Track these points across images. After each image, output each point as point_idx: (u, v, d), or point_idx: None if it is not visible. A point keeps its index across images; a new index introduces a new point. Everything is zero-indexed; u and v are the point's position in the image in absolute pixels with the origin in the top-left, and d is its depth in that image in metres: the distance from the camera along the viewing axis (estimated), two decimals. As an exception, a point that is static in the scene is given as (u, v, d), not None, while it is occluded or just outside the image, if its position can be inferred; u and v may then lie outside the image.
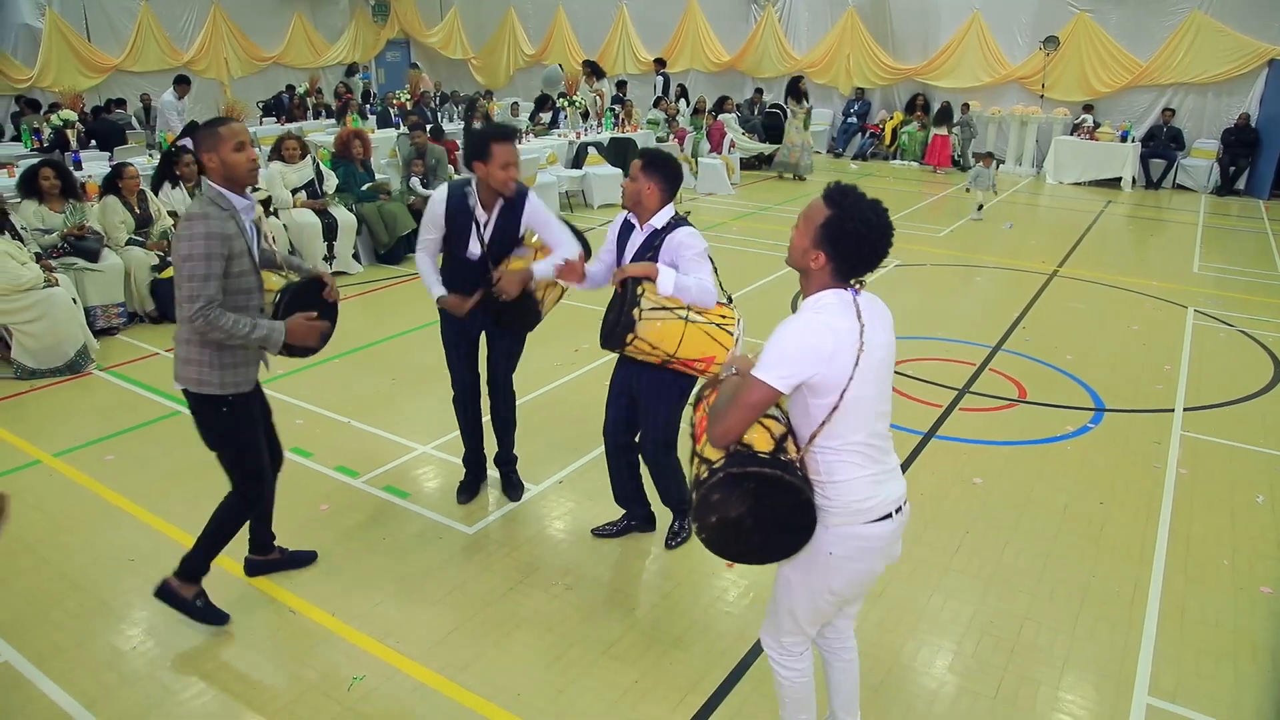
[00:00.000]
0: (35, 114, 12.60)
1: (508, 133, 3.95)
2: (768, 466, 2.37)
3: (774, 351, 2.37)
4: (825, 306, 2.43)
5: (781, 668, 2.73)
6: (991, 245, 10.42)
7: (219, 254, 3.15)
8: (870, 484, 2.46)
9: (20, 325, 6.17)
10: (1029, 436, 5.37)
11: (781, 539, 2.46)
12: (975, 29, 15.84)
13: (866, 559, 2.52)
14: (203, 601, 3.61)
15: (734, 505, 2.40)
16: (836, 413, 2.38)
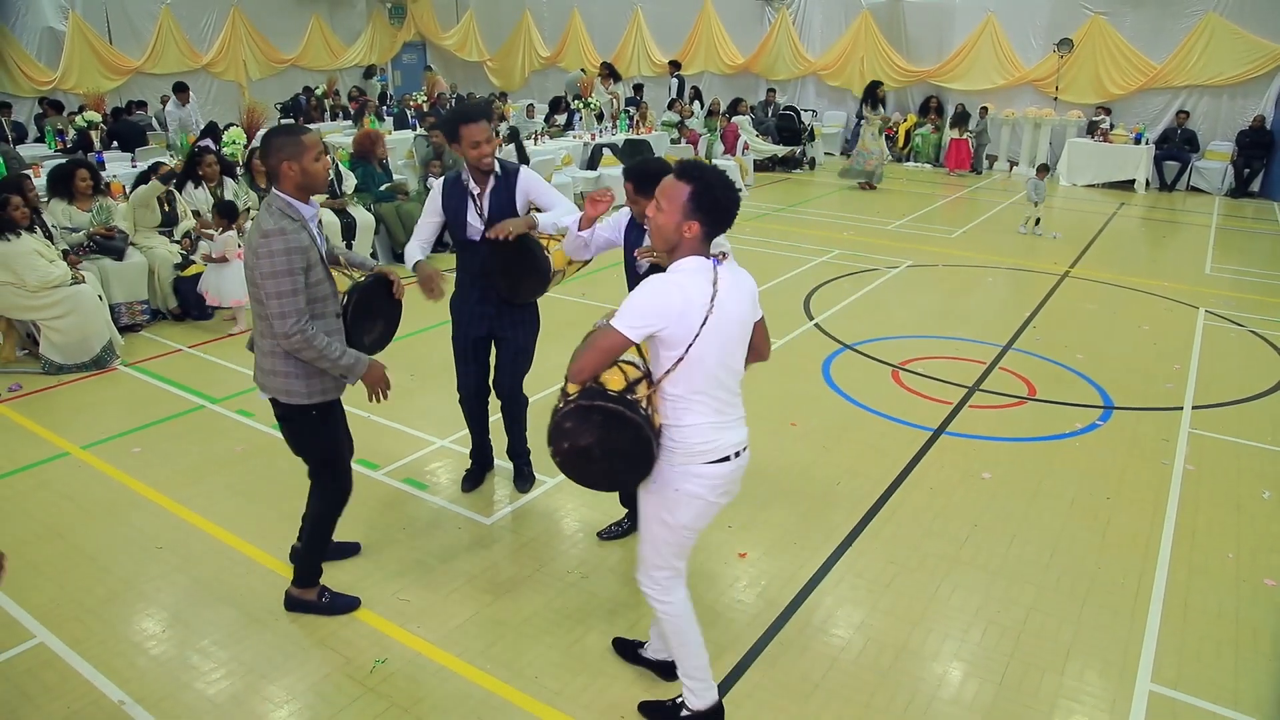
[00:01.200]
0: (58, 115, 12.80)
1: (473, 113, 4.00)
2: (613, 402, 2.67)
3: (628, 305, 2.67)
4: (684, 270, 2.70)
5: (657, 602, 2.99)
6: (1003, 246, 10.46)
7: (300, 268, 3.14)
8: (711, 429, 2.75)
9: (48, 321, 6.31)
10: (1038, 433, 5.43)
11: (624, 469, 2.76)
12: (989, 31, 15.86)
13: (708, 494, 2.81)
14: (328, 597, 3.72)
15: (584, 434, 2.70)
16: (681, 365, 2.66)
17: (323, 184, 3.28)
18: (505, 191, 4.11)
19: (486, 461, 4.77)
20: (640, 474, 2.76)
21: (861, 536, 4.30)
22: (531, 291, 4.18)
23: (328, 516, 3.67)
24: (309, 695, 3.25)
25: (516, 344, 4.36)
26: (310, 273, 3.22)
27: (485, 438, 4.69)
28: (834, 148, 17.81)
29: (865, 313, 7.77)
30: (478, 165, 4.03)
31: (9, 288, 6.18)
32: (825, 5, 17.46)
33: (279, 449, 5.15)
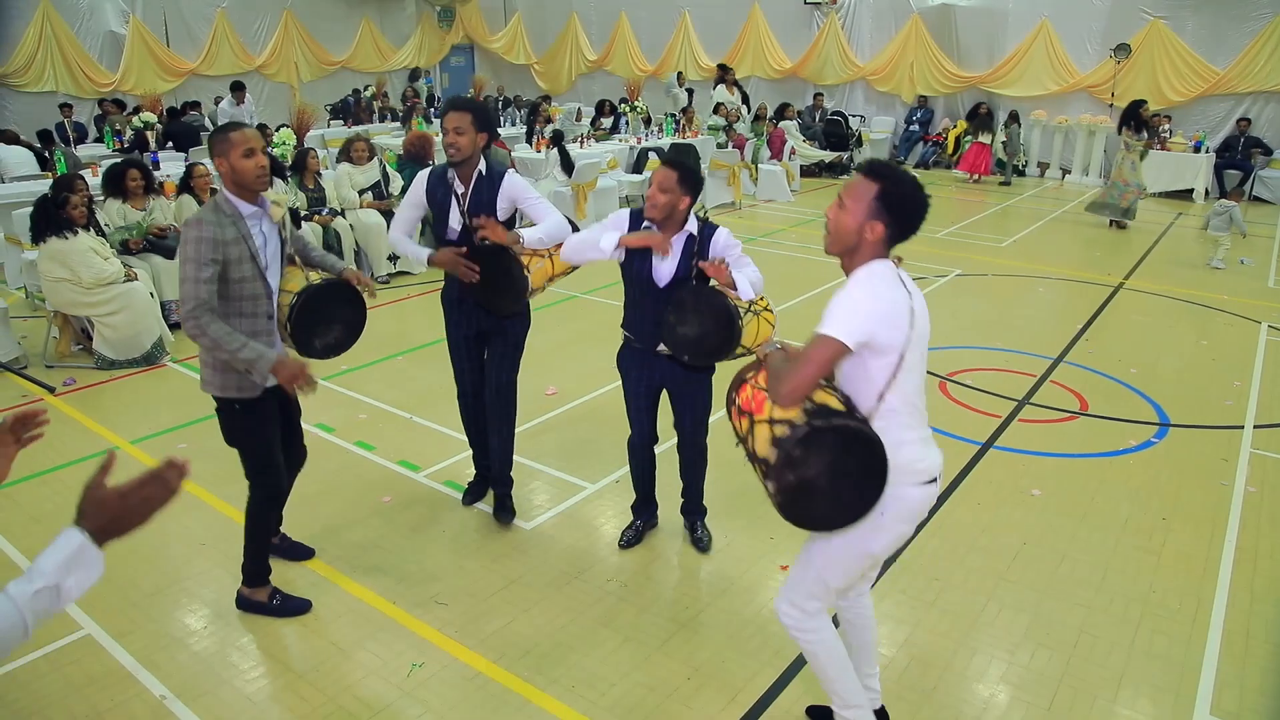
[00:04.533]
0: (119, 114, 13.11)
1: (458, 102, 3.98)
2: (851, 420, 2.43)
3: (841, 309, 2.43)
4: (879, 273, 2.53)
5: (805, 633, 2.76)
6: (1055, 256, 10.24)
7: (209, 259, 3.18)
8: (922, 446, 2.57)
9: (102, 318, 6.45)
10: (1090, 449, 5.29)
11: (850, 500, 2.47)
12: (1043, 36, 15.57)
13: (909, 521, 2.62)
14: (279, 599, 3.74)
15: (814, 463, 2.41)
16: (899, 373, 2.47)
17: (251, 180, 3.27)
18: (487, 191, 4.01)
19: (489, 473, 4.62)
20: (870, 500, 2.48)
21: (906, 551, 4.20)
22: (504, 306, 4.07)
23: (256, 516, 3.62)
24: (345, 697, 3.25)
25: (506, 340, 4.26)
26: (231, 268, 3.25)
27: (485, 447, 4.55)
28: (882, 153, 17.59)
29: (912, 322, 7.62)
30: (448, 156, 3.95)
31: (65, 284, 6.32)
32: (875, 9, 17.28)
33: (323, 447, 5.21)
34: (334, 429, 5.47)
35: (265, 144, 3.40)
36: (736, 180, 13.01)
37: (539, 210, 4.07)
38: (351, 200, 8.70)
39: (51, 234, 6.28)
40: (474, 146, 3.93)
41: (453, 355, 4.38)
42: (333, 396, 6.01)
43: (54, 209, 6.34)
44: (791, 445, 2.39)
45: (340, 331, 3.71)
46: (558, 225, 4.01)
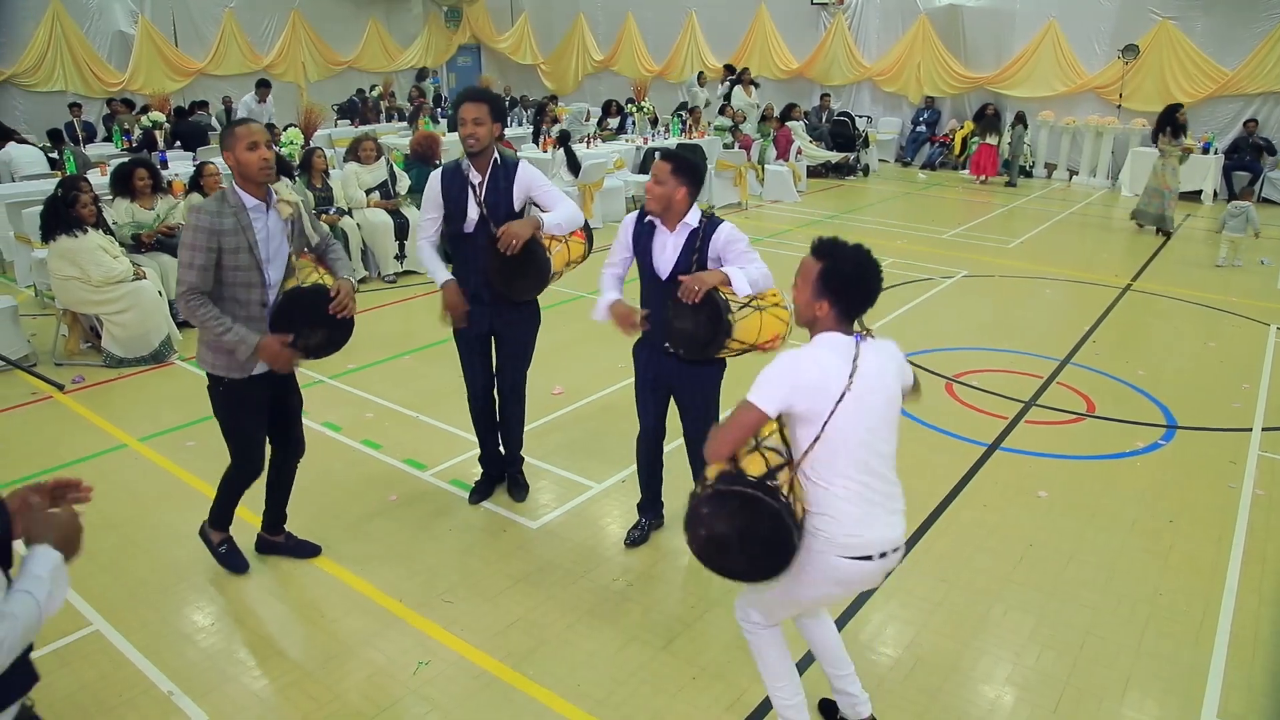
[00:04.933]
0: (128, 113, 13.16)
1: (473, 93, 3.99)
2: (750, 487, 2.53)
3: (762, 378, 2.56)
4: (821, 344, 2.61)
5: (750, 635, 2.93)
6: (1062, 258, 10.22)
7: (205, 246, 3.34)
8: (855, 523, 2.59)
9: (110, 316, 6.47)
10: (1097, 451, 5.28)
11: (763, 556, 2.59)
12: (1051, 37, 15.53)
13: (833, 587, 2.71)
14: (226, 548, 3.99)
15: (720, 521, 2.57)
16: (820, 444, 2.55)
17: (255, 173, 3.39)
18: (504, 181, 4.03)
19: (498, 473, 4.68)
20: (781, 562, 2.59)
21: (912, 552, 4.20)
22: (527, 290, 4.11)
23: (232, 481, 3.85)
24: (352, 695, 3.26)
25: (517, 340, 4.31)
26: (226, 256, 3.39)
27: (496, 445, 4.62)
28: (888, 154, 17.59)
29: (919, 323, 7.63)
30: (466, 147, 3.97)
31: (74, 282, 6.35)
32: (882, 10, 17.26)
33: (330, 445, 5.23)
34: (341, 427, 5.49)
35: (269, 137, 3.47)
36: (743, 181, 13.00)
37: (553, 198, 4.09)
38: (359, 200, 8.72)
39: (61, 232, 6.31)
40: (491, 136, 3.96)
41: (463, 354, 4.39)
42: (339, 395, 6.03)
43: (64, 208, 6.37)
44: (699, 503, 2.59)
45: (325, 334, 3.72)
46: (573, 212, 4.06)
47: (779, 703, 2.96)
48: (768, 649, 2.92)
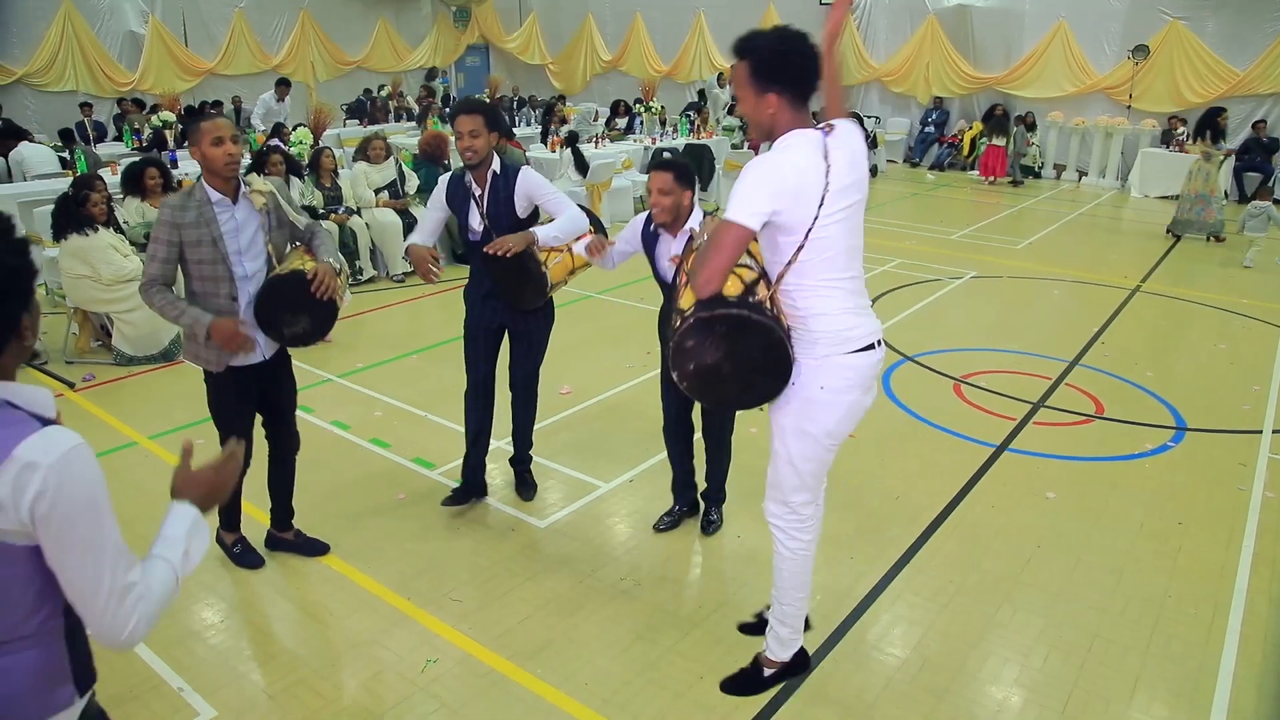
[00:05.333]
0: (138, 113, 13.21)
1: (468, 105, 4.00)
2: (735, 308, 2.44)
3: (740, 191, 2.43)
4: (790, 145, 2.48)
5: (788, 538, 2.79)
6: (1071, 259, 10.19)
7: (163, 239, 3.44)
8: (852, 315, 2.54)
9: (121, 314, 6.51)
10: (1105, 453, 5.26)
11: (760, 382, 2.52)
12: (1060, 37, 15.50)
13: (855, 391, 2.59)
14: (240, 548, 4.04)
15: (709, 351, 2.47)
16: (805, 249, 2.45)
17: (220, 167, 3.41)
18: (504, 190, 4.05)
19: (478, 486, 4.56)
20: (779, 381, 2.50)
21: (920, 553, 4.20)
22: (530, 300, 4.14)
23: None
24: (360, 692, 3.27)
25: (530, 336, 4.34)
26: (189, 250, 3.47)
27: (484, 450, 4.51)
28: (897, 155, 17.57)
29: (927, 324, 7.62)
30: (464, 160, 3.99)
31: (85, 281, 6.38)
32: (890, 10, 17.24)
33: (338, 444, 5.25)
34: (349, 426, 5.51)
35: (236, 132, 3.50)
36: (751, 181, 12.97)
37: (556, 204, 4.08)
38: (368, 199, 8.75)
39: (72, 231, 6.35)
40: (489, 147, 3.98)
41: (468, 344, 4.36)
42: (348, 394, 6.05)
43: (75, 207, 6.41)
44: (681, 336, 2.46)
45: (308, 322, 3.69)
46: (574, 219, 4.04)
47: (790, 613, 2.91)
48: (805, 555, 2.82)
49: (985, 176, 15.45)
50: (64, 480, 1.48)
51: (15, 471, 1.45)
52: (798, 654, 3.01)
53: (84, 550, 1.52)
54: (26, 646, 1.57)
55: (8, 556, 1.50)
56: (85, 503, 1.52)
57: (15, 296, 1.52)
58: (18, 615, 1.55)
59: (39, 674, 1.59)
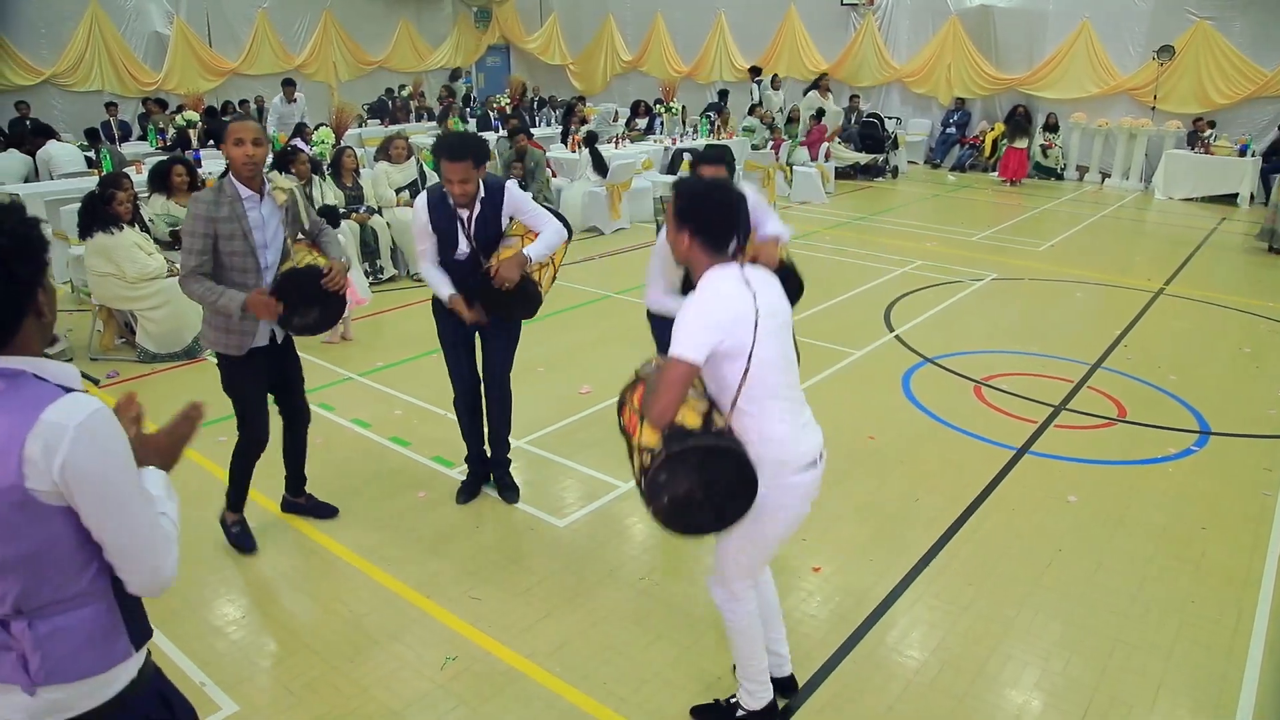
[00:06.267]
0: (162, 113, 13.35)
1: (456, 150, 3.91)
2: (705, 439, 2.57)
3: (682, 329, 2.58)
4: (714, 280, 2.66)
5: (731, 614, 2.97)
6: (1093, 261, 10.11)
7: (200, 232, 3.62)
8: (793, 436, 2.72)
9: (145, 312, 6.58)
10: (1127, 457, 5.22)
11: (730, 504, 2.65)
12: (1084, 38, 15.36)
13: (800, 505, 2.79)
14: (239, 529, 4.22)
15: (681, 482, 2.59)
16: (750, 374, 2.60)
17: (239, 167, 3.62)
18: (490, 210, 4.11)
19: (484, 471, 4.70)
20: (747, 502, 2.64)
21: (939, 555, 4.18)
22: (520, 316, 4.26)
23: (241, 455, 4.08)
24: (378, 689, 3.29)
25: (501, 339, 4.40)
26: (221, 243, 3.66)
27: (481, 442, 4.64)
28: (918, 156, 17.47)
29: (947, 326, 7.58)
30: (455, 201, 4.02)
31: (110, 279, 6.46)
32: (912, 11, 17.16)
33: (359, 442, 5.28)
34: (370, 424, 5.54)
35: (259, 136, 3.66)
36: (771, 182, 12.97)
37: (537, 220, 4.16)
38: (389, 199, 8.80)
39: (98, 229, 6.42)
40: (479, 184, 4.02)
41: (450, 355, 4.44)
42: (368, 392, 6.09)
43: (100, 205, 6.48)
44: (655, 473, 2.58)
45: (318, 314, 3.92)
46: (557, 234, 4.16)
47: (753, 671, 3.03)
48: (750, 623, 2.97)
49: (1004, 178, 15.34)
50: (90, 440, 1.57)
51: (45, 433, 1.54)
52: (769, 705, 3.08)
53: (122, 506, 1.63)
54: (80, 604, 1.67)
55: (43, 515, 1.59)
56: (115, 461, 1.62)
57: (29, 262, 1.59)
58: (67, 574, 1.65)
59: (95, 629, 1.69)
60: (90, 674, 1.69)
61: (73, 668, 1.67)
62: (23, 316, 1.60)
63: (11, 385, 1.58)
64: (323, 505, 4.48)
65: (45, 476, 1.55)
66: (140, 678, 1.80)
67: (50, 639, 1.64)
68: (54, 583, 1.63)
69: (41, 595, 1.63)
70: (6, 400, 1.56)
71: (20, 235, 1.57)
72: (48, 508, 1.58)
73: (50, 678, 1.65)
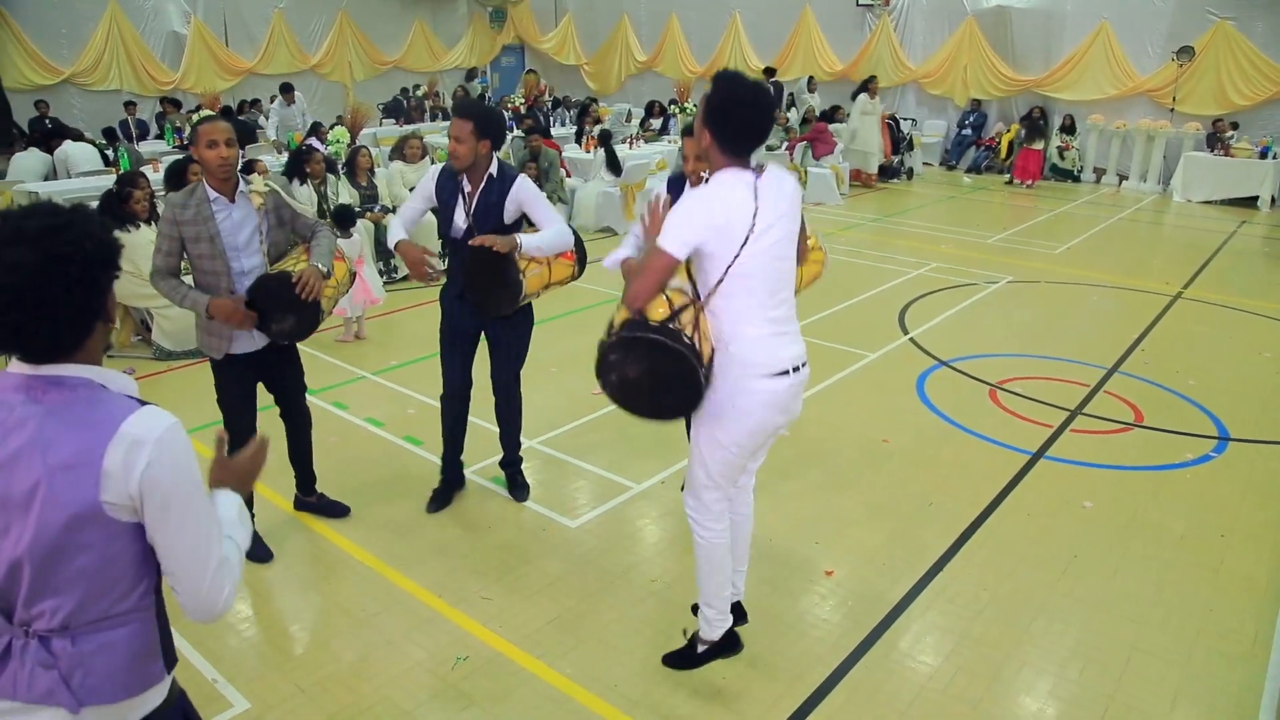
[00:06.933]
0: (177, 112, 13.43)
1: (461, 109, 4.03)
2: (654, 332, 2.67)
3: (670, 222, 2.66)
4: (722, 182, 2.70)
5: (701, 528, 3.02)
6: (1110, 264, 10.02)
7: (166, 233, 3.65)
8: (768, 342, 2.77)
9: (160, 310, 6.62)
10: (1145, 462, 5.17)
11: (669, 399, 2.76)
12: (1103, 39, 15.25)
13: (765, 410, 2.81)
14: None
15: (630, 366, 2.72)
16: (729, 278, 2.67)
17: (213, 169, 3.58)
18: (496, 194, 4.02)
19: (457, 479, 4.65)
20: (687, 403, 2.76)
21: (954, 560, 4.15)
22: (499, 307, 4.08)
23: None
24: (390, 688, 3.29)
25: (509, 337, 4.31)
26: (189, 245, 3.66)
27: (459, 449, 4.57)
28: (933, 158, 17.38)
29: (963, 328, 7.54)
30: (451, 163, 3.98)
31: (127, 276, 6.48)
32: (928, 12, 17.07)
33: (371, 441, 5.29)
34: (383, 423, 5.55)
35: (231, 137, 3.63)
36: (785, 183, 12.91)
37: (544, 218, 4.09)
38: (404, 198, 8.78)
39: (115, 228, 6.44)
40: (474, 154, 3.93)
41: (445, 352, 4.38)
42: (381, 391, 6.10)
43: (118, 203, 6.52)
44: (607, 349, 2.74)
45: (294, 321, 3.80)
46: (560, 235, 4.05)
47: (712, 596, 3.10)
48: (717, 543, 3.02)
49: (1021, 181, 15.24)
50: (168, 454, 1.58)
51: (125, 446, 1.54)
52: (727, 634, 3.18)
53: (193, 523, 1.63)
54: (127, 621, 1.66)
55: (114, 532, 1.58)
56: (189, 477, 1.62)
57: (108, 267, 1.61)
58: (120, 590, 1.63)
59: (137, 648, 1.68)
60: (129, 694, 1.67)
61: (114, 687, 1.64)
62: (98, 320, 1.61)
63: (85, 395, 1.58)
64: (334, 504, 4.48)
65: (122, 490, 1.54)
66: (169, 699, 1.78)
67: (94, 656, 1.61)
68: (108, 599, 1.61)
69: (93, 610, 1.60)
70: (82, 412, 1.56)
71: (103, 241, 1.58)
72: (117, 523, 1.57)
73: (90, 697, 1.61)
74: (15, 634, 1.61)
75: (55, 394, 1.57)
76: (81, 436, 1.53)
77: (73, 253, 1.52)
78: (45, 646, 1.60)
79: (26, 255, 1.48)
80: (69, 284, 1.52)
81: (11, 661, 1.61)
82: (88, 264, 1.54)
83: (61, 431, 1.54)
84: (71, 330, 1.57)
